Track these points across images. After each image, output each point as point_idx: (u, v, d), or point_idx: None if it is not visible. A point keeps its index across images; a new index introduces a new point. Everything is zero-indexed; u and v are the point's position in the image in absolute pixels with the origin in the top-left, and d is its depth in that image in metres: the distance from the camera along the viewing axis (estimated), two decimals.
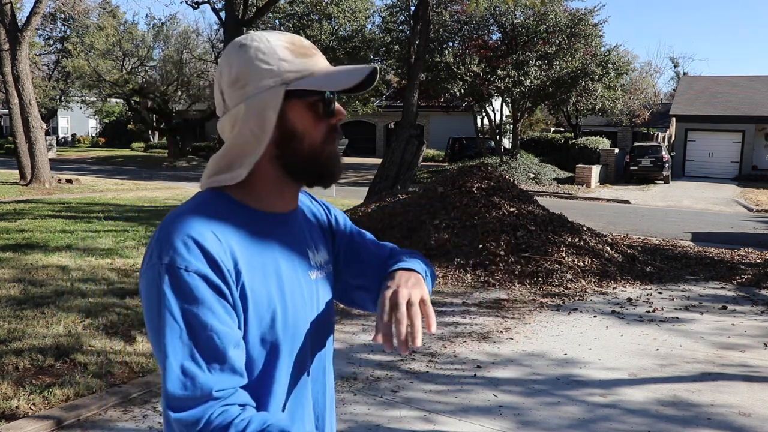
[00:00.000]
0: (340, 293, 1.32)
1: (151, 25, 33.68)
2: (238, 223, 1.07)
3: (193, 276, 0.97)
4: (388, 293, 1.08)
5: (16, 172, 17.46)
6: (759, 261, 8.81)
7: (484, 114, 25.85)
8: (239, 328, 1.02)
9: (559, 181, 22.40)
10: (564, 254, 7.62)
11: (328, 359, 1.23)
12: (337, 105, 1.11)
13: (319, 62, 1.10)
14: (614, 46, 23.45)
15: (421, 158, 11.89)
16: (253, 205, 1.11)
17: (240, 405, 0.98)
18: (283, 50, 1.07)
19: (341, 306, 5.92)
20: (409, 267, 1.18)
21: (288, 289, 1.10)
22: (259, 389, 1.06)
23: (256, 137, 1.07)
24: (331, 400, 1.25)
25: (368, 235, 1.36)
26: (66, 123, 44.97)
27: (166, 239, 1.00)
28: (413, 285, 1.11)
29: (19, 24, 15.70)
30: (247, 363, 1.04)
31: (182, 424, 0.96)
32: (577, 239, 8.14)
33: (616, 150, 25.62)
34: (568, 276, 7.22)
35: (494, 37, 23.10)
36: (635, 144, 25.78)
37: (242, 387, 1.02)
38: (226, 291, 1.00)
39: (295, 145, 1.09)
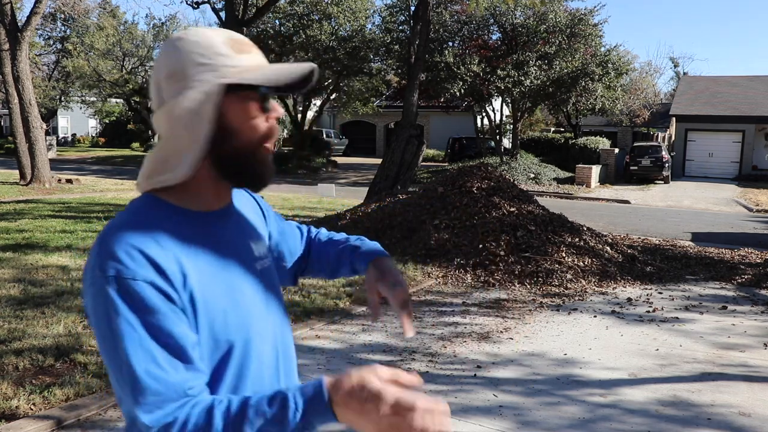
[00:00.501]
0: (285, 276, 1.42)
1: (151, 25, 33.73)
2: (176, 227, 1.06)
3: (142, 285, 0.97)
4: (403, 294, 1.29)
5: (16, 172, 17.46)
6: (759, 261, 8.81)
7: (484, 114, 25.84)
8: (192, 330, 1.02)
9: (559, 181, 22.40)
10: (564, 254, 7.62)
11: (288, 346, 1.24)
12: (272, 102, 1.10)
13: (257, 59, 1.10)
14: (614, 46, 23.45)
15: (421, 158, 11.90)
16: (189, 206, 1.11)
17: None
18: (221, 45, 1.07)
19: (342, 306, 5.94)
20: (382, 252, 1.41)
21: (236, 285, 1.11)
22: (216, 387, 1.06)
23: (191, 133, 1.05)
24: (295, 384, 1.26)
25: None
26: (66, 123, 44.95)
27: (107, 252, 0.99)
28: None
29: (19, 24, 15.69)
30: (211, 367, 1.05)
31: (163, 428, 0.95)
32: (577, 239, 8.14)
33: (616, 150, 25.62)
34: (568, 276, 7.22)
35: (494, 37, 23.10)
36: (635, 144, 25.77)
37: (220, 391, 1.04)
38: (175, 296, 0.99)
39: (230, 142, 1.08)
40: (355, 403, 0.90)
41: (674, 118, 29.09)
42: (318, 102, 31.10)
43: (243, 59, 1.07)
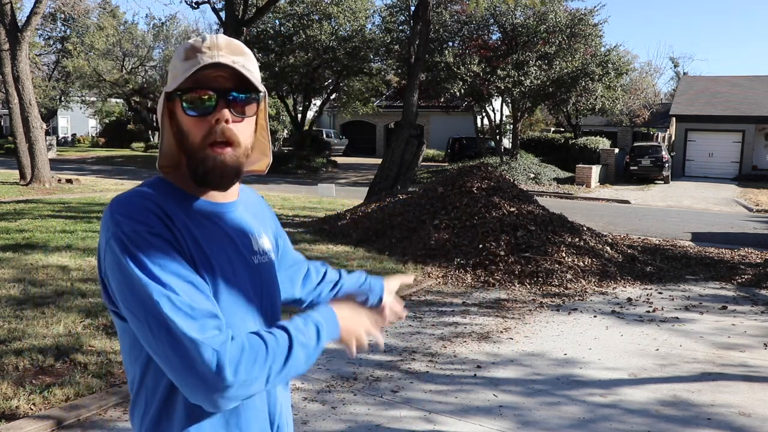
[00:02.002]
0: None
1: (151, 25, 33.74)
2: (181, 205, 1.17)
3: (156, 237, 1.07)
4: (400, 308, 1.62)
5: (16, 172, 17.46)
6: (759, 261, 8.81)
7: (484, 114, 25.84)
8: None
9: (559, 181, 22.40)
10: (564, 254, 7.62)
11: None
12: (220, 105, 1.15)
13: (190, 64, 1.15)
14: (614, 46, 23.44)
15: (421, 158, 11.90)
16: (195, 192, 1.21)
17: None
18: (181, 54, 1.17)
19: None
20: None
21: (228, 269, 1.17)
22: None
23: (161, 131, 1.20)
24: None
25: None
26: (66, 123, 44.94)
27: (119, 214, 1.09)
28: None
29: (19, 24, 15.69)
30: None
31: (213, 345, 1.01)
32: (577, 239, 8.14)
33: (616, 150, 25.62)
34: (568, 276, 7.22)
35: (494, 37, 23.09)
36: (635, 144, 25.78)
37: None
38: (186, 253, 1.11)
39: (183, 142, 1.18)
40: (347, 307, 1.29)
41: (674, 118, 29.10)
42: (318, 102, 31.11)
43: (184, 65, 1.16)
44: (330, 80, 27.75)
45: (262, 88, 1.20)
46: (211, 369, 1.00)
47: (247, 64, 1.19)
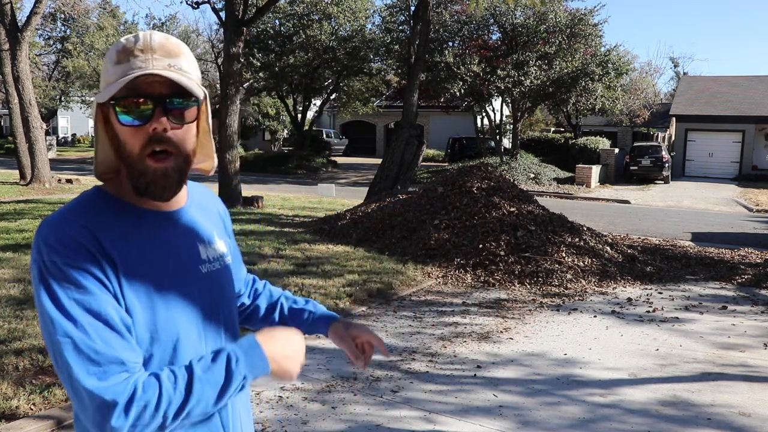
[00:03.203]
0: None
1: (151, 25, 33.69)
2: (117, 221, 1.11)
3: (75, 270, 1.02)
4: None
5: (16, 172, 17.46)
6: (759, 261, 8.81)
7: (484, 114, 25.84)
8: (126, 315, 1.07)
9: (559, 181, 22.40)
10: (564, 254, 7.62)
11: None
12: (157, 112, 1.08)
13: (122, 68, 1.08)
14: (614, 46, 23.43)
15: (421, 158, 11.90)
16: (135, 202, 1.16)
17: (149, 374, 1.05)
18: (113, 56, 1.11)
19: (342, 306, 5.94)
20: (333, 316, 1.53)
21: (168, 284, 1.13)
22: None
23: (95, 138, 1.16)
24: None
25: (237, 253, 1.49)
26: (66, 123, 44.97)
27: (47, 238, 1.05)
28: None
29: (19, 24, 15.69)
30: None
31: (105, 395, 0.98)
32: (577, 239, 8.14)
33: (616, 150, 25.62)
34: (568, 276, 7.22)
35: (494, 37, 23.10)
36: (635, 144, 25.78)
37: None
38: (108, 283, 1.05)
39: (120, 151, 1.12)
40: (278, 338, 1.16)
41: (674, 118, 29.09)
42: (318, 102, 31.10)
43: (116, 70, 1.10)
44: (330, 80, 27.74)
45: (202, 91, 1.13)
46: (102, 416, 0.98)
47: (185, 64, 1.12)
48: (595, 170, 22.46)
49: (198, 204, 1.28)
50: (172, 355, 1.12)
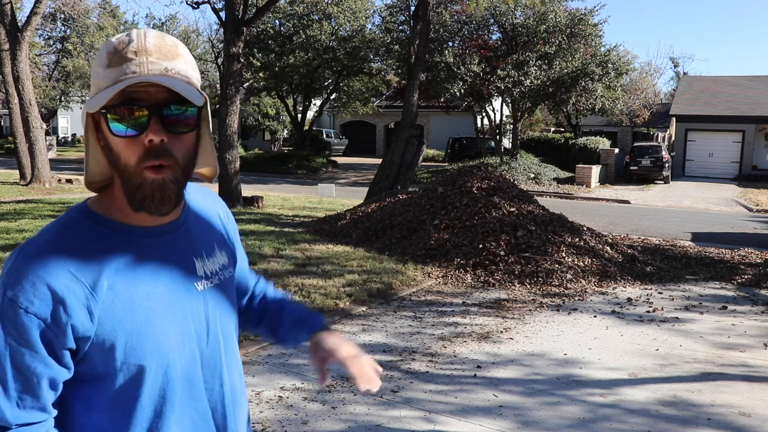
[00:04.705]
0: None
1: (151, 25, 33.70)
2: (104, 246, 1.04)
3: (31, 318, 0.97)
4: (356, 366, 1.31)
5: (16, 172, 17.46)
6: (759, 261, 8.81)
7: (484, 114, 25.85)
8: (67, 368, 1.03)
9: (559, 181, 22.40)
10: (564, 254, 7.62)
11: (226, 368, 1.20)
12: (153, 126, 1.00)
13: (115, 72, 1.00)
14: (614, 46, 23.43)
15: (421, 158, 11.90)
16: (126, 220, 1.08)
17: None
18: (103, 58, 1.02)
19: (342, 306, 5.94)
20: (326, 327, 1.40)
21: (159, 307, 1.07)
22: (131, 407, 1.07)
23: (85, 147, 1.07)
24: (235, 405, 1.23)
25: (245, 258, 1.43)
26: (66, 123, 44.94)
27: (17, 271, 0.99)
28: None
29: (19, 24, 15.69)
30: (120, 389, 1.06)
31: (7, 416, 1.00)
32: (577, 239, 8.14)
33: (616, 150, 25.63)
34: (568, 276, 7.22)
35: (494, 37, 23.10)
36: (635, 144, 25.77)
37: (137, 413, 1.07)
38: (63, 334, 0.99)
39: (114, 162, 1.04)
40: None
41: (674, 118, 29.09)
42: (318, 102, 31.10)
43: (107, 73, 1.01)
44: (330, 80, 27.74)
45: (202, 96, 1.04)
46: None
47: (184, 68, 1.04)
48: (595, 170, 22.46)
49: (196, 211, 1.20)
50: (163, 382, 1.08)
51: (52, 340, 0.99)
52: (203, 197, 1.26)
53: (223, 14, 13.66)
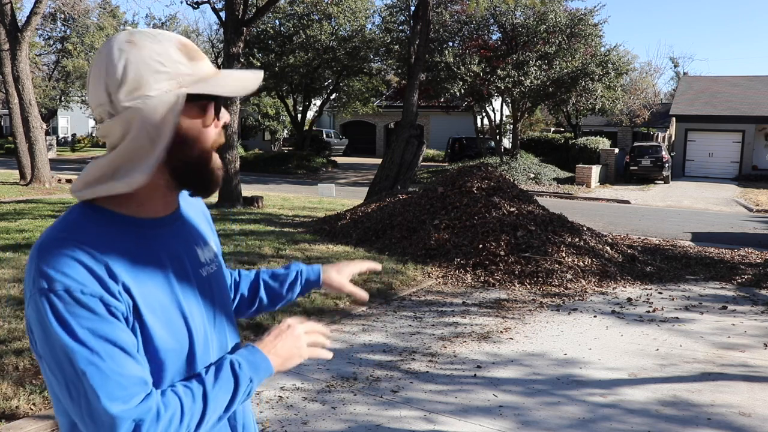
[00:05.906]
0: None
1: (151, 25, 33.71)
2: (117, 238, 1.05)
3: (89, 298, 0.97)
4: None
5: (16, 172, 17.47)
6: (759, 261, 8.81)
7: (484, 114, 25.85)
8: (134, 336, 1.04)
9: (559, 181, 22.40)
10: (564, 254, 7.62)
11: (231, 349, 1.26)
12: (223, 109, 1.13)
13: (207, 66, 1.11)
14: (614, 46, 23.43)
15: (421, 158, 11.90)
16: (132, 212, 1.09)
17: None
18: (176, 52, 1.07)
19: (342, 306, 5.94)
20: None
21: (179, 294, 1.11)
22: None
23: (152, 142, 1.04)
24: None
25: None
26: (66, 123, 44.95)
27: (50, 266, 0.98)
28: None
29: (19, 24, 15.69)
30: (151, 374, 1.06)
31: (133, 417, 0.97)
32: (577, 239, 8.14)
33: (616, 150, 25.63)
34: (568, 276, 7.22)
35: (494, 37, 23.10)
36: (635, 144, 25.78)
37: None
38: (118, 308, 1.00)
39: (185, 150, 1.07)
40: (272, 336, 1.19)
41: (674, 118, 29.09)
42: (318, 102, 31.10)
43: (197, 67, 1.09)
44: (330, 80, 27.74)
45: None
46: None
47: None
48: (595, 170, 22.47)
49: (186, 205, 1.24)
50: (186, 364, 1.11)
51: (116, 313, 1.01)
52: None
53: (223, 14, 13.67)
